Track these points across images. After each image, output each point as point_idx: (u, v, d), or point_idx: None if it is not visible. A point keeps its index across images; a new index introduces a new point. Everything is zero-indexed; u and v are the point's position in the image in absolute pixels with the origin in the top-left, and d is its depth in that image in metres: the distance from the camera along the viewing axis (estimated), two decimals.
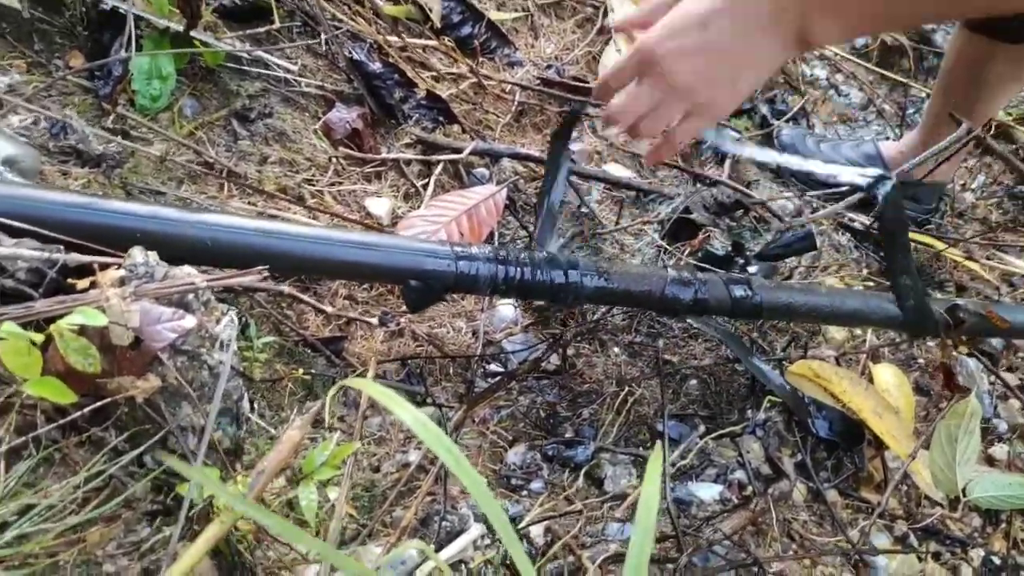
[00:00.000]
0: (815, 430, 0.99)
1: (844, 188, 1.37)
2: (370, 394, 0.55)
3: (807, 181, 1.44)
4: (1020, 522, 1.01)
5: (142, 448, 0.64)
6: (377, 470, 0.82)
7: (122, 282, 0.67)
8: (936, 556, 0.94)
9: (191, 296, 0.69)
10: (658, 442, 0.59)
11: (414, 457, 0.83)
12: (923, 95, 1.69)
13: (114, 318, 0.63)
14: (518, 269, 0.84)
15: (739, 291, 0.96)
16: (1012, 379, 1.21)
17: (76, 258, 0.71)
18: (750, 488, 0.92)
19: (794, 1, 0.72)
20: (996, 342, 1.27)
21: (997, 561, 0.94)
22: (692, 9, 0.75)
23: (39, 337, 0.58)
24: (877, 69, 1.75)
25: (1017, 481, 0.99)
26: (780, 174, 1.48)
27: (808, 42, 0.75)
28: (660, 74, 0.77)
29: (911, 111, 1.70)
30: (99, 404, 0.63)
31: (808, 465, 0.96)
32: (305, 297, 0.93)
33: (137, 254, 0.69)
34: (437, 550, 0.75)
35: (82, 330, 0.63)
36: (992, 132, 1.59)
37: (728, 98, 0.81)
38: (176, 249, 0.74)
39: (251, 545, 0.68)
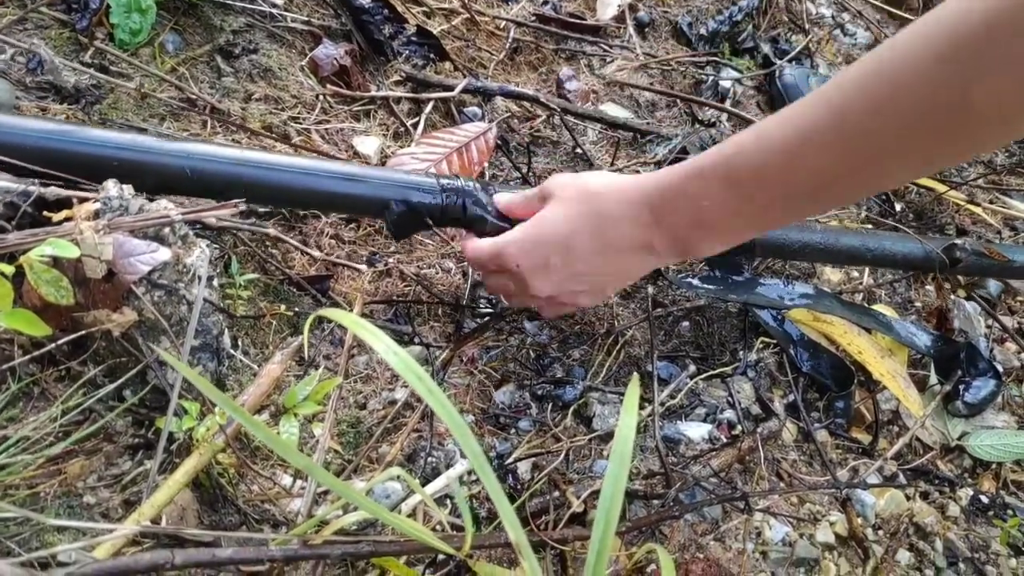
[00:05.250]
0: (799, 363, 0.99)
1: None
2: (346, 325, 0.54)
3: None
4: (1011, 464, 1.01)
5: (120, 381, 0.64)
6: (363, 407, 0.82)
7: (96, 215, 0.66)
8: (924, 495, 0.94)
9: (167, 230, 0.67)
10: (635, 375, 0.58)
11: (400, 395, 0.83)
12: None
13: (87, 251, 0.62)
14: None
15: None
16: (1010, 322, 1.19)
17: (52, 191, 0.70)
18: (739, 428, 0.92)
19: (660, 225, 0.68)
20: (994, 286, 1.25)
21: (985, 500, 0.94)
22: (553, 229, 0.72)
23: (9, 269, 0.57)
24: (885, 7, 1.69)
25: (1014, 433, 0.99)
26: None
27: (688, 255, 0.74)
28: (521, 282, 0.76)
29: None
30: (75, 337, 0.62)
31: (799, 405, 0.96)
32: (289, 238, 0.92)
33: (112, 187, 0.68)
34: (422, 485, 0.75)
35: (56, 263, 0.62)
36: None
37: (594, 301, 0.81)
38: (155, 179, 0.73)
39: (233, 479, 0.68)
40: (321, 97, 1.10)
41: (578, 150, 1.21)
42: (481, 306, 0.97)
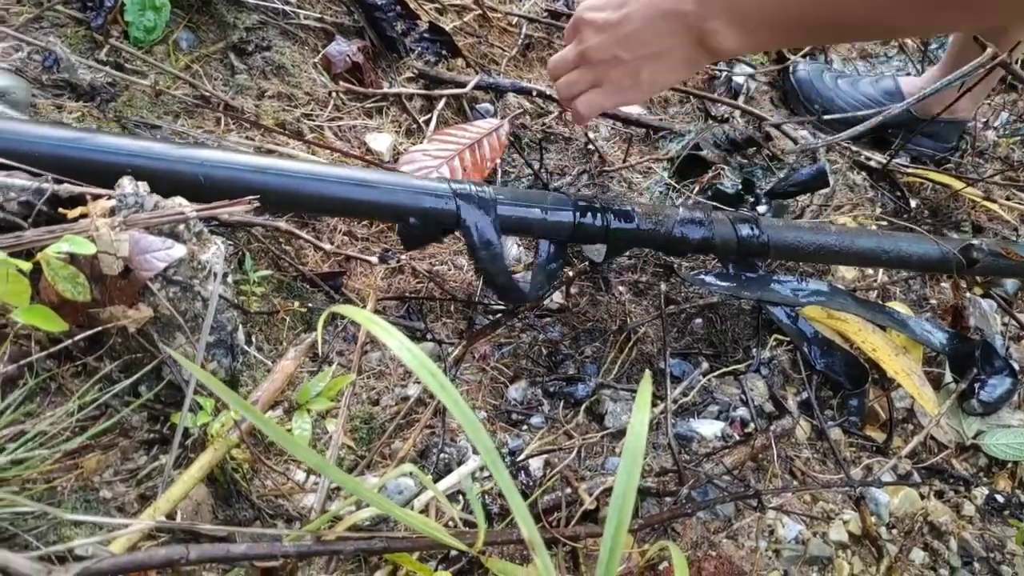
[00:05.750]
0: (812, 361, 0.98)
1: (860, 130, 1.33)
2: (359, 321, 0.54)
3: (823, 121, 1.39)
4: None
5: (136, 377, 0.64)
6: (376, 403, 0.82)
7: (112, 212, 0.66)
8: (939, 494, 0.93)
9: (182, 227, 0.68)
10: (648, 372, 0.58)
11: (413, 391, 0.83)
12: None
13: (103, 247, 0.62)
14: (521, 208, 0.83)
15: (745, 230, 0.94)
16: None
17: (67, 188, 0.70)
18: (752, 425, 0.92)
19: (696, 2, 0.72)
20: (1010, 284, 1.24)
21: (1000, 499, 0.94)
22: None
23: (26, 265, 0.58)
24: None
25: None
26: (795, 112, 1.44)
27: (711, 49, 0.75)
28: (580, 41, 0.80)
29: (934, 46, 1.63)
30: (91, 333, 0.63)
31: (813, 403, 0.95)
32: (303, 233, 0.92)
33: (127, 184, 0.68)
34: (435, 481, 0.76)
35: (73, 260, 0.62)
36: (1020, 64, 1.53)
37: (628, 84, 0.80)
38: (168, 186, 0.73)
39: (247, 474, 0.68)
40: (334, 94, 1.11)
41: (590, 146, 1.21)
42: (493, 303, 0.97)
